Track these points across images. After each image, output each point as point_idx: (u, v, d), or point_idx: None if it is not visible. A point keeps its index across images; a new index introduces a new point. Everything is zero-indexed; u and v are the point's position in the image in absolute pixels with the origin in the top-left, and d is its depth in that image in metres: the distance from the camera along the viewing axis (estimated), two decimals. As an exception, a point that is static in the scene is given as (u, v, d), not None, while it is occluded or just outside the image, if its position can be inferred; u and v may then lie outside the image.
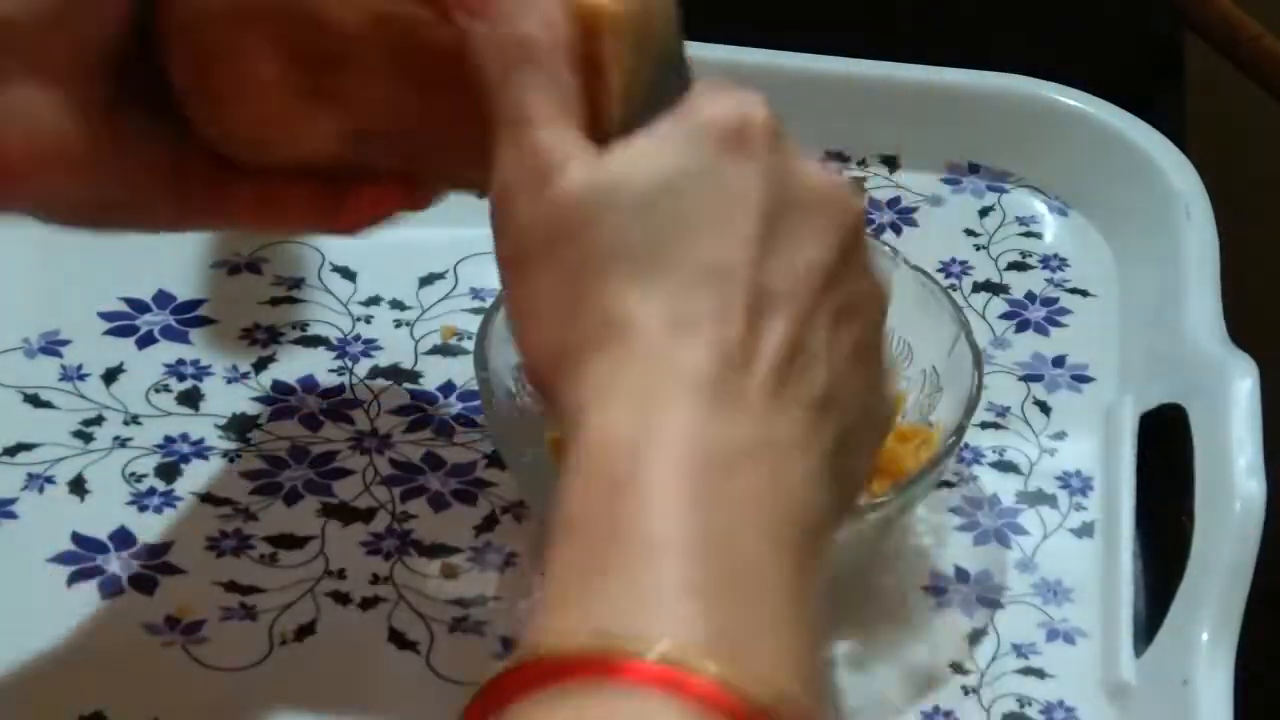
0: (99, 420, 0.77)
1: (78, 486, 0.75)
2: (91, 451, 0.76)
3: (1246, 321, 0.79)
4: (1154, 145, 0.85)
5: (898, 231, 0.86)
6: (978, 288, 0.83)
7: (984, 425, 0.77)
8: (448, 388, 0.79)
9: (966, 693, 0.69)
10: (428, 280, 0.83)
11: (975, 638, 0.71)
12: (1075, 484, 0.76)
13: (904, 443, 0.72)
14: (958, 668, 0.70)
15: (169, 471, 0.75)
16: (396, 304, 0.82)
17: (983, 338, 0.78)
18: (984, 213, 0.86)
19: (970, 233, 0.86)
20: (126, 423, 0.77)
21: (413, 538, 0.74)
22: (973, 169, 0.87)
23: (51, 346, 0.80)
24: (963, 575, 0.73)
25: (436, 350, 0.80)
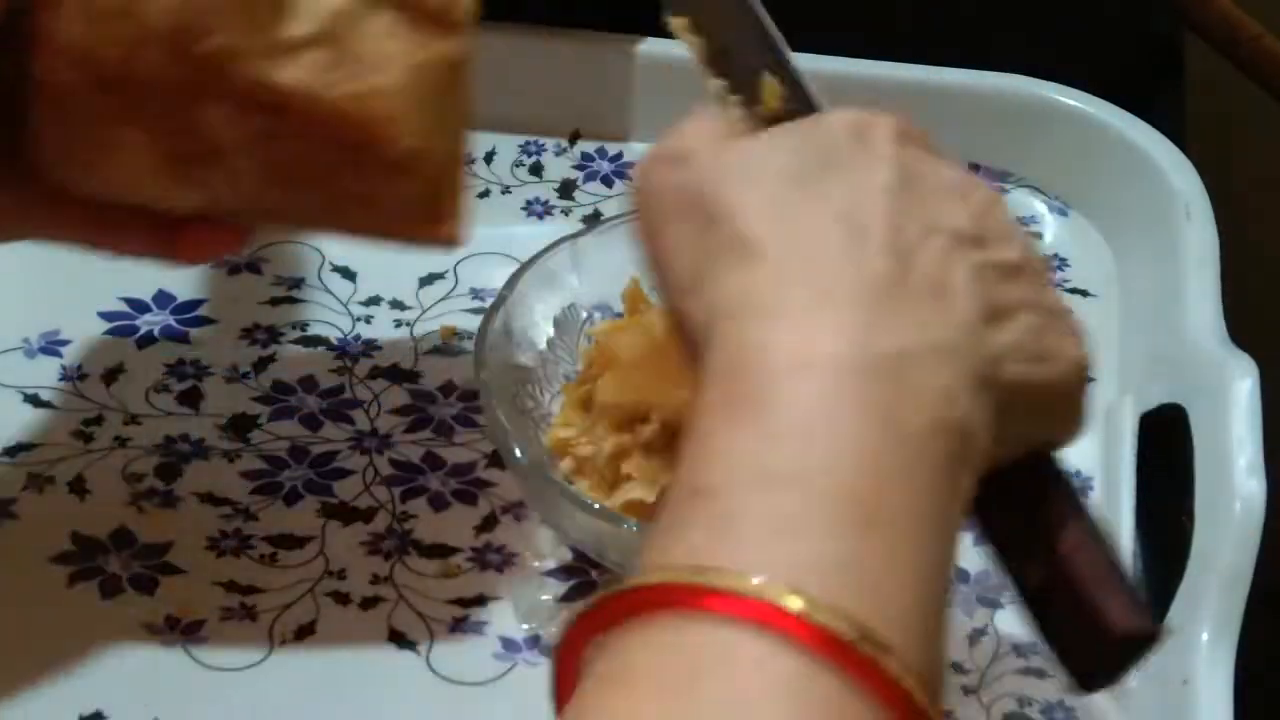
0: (99, 420, 0.77)
1: (78, 486, 0.75)
2: (91, 451, 0.76)
3: (1246, 321, 0.79)
4: (1154, 145, 0.85)
5: (898, 231, 0.85)
6: (978, 288, 0.83)
7: (984, 425, 0.77)
8: (448, 388, 0.79)
9: (966, 693, 0.69)
10: (428, 280, 0.83)
11: (975, 638, 0.71)
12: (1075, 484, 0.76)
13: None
14: (958, 668, 0.70)
15: (169, 471, 0.75)
16: (396, 304, 0.82)
17: (983, 338, 0.78)
18: (984, 213, 0.86)
19: (970, 233, 0.85)
20: (126, 423, 0.77)
21: (413, 538, 0.74)
22: (973, 169, 0.87)
23: (51, 346, 0.80)
24: (963, 575, 0.73)
25: (436, 350, 0.80)
